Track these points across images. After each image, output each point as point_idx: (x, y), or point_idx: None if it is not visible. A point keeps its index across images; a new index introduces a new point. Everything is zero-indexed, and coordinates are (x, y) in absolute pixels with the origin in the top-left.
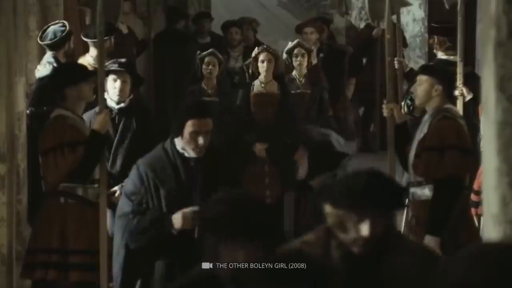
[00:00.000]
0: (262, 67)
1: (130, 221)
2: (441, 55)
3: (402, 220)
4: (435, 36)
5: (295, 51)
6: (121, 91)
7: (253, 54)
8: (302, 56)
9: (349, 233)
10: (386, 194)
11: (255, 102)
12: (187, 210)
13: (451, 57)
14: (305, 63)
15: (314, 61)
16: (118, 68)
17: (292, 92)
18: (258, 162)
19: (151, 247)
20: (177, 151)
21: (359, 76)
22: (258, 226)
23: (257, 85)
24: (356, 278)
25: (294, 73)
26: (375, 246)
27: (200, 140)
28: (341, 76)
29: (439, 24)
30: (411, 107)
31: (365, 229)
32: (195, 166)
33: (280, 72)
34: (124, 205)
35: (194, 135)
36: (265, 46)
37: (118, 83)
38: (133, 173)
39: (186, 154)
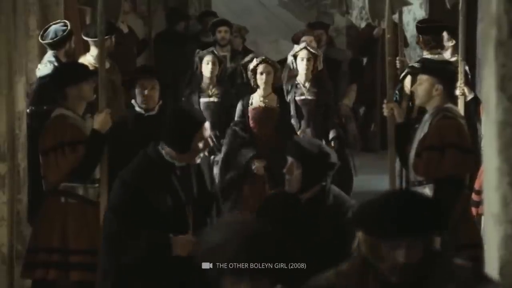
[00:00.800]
0: (261, 79)
1: (120, 242)
2: (426, 54)
3: None
4: (420, 36)
5: (301, 54)
6: (150, 98)
7: (251, 66)
8: (308, 60)
9: (384, 261)
10: (421, 219)
11: (254, 117)
12: (185, 237)
13: (436, 56)
14: (310, 68)
15: (320, 67)
16: (148, 75)
17: (297, 98)
18: (257, 181)
19: (145, 269)
20: (164, 159)
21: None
22: (266, 260)
23: (256, 99)
24: None
25: (299, 78)
26: (415, 273)
27: (203, 146)
28: (337, 86)
29: (422, 24)
30: None
31: (401, 256)
32: (181, 175)
33: (280, 85)
34: (111, 223)
35: (200, 144)
36: (263, 58)
37: (147, 90)
38: (117, 186)
39: (177, 163)
